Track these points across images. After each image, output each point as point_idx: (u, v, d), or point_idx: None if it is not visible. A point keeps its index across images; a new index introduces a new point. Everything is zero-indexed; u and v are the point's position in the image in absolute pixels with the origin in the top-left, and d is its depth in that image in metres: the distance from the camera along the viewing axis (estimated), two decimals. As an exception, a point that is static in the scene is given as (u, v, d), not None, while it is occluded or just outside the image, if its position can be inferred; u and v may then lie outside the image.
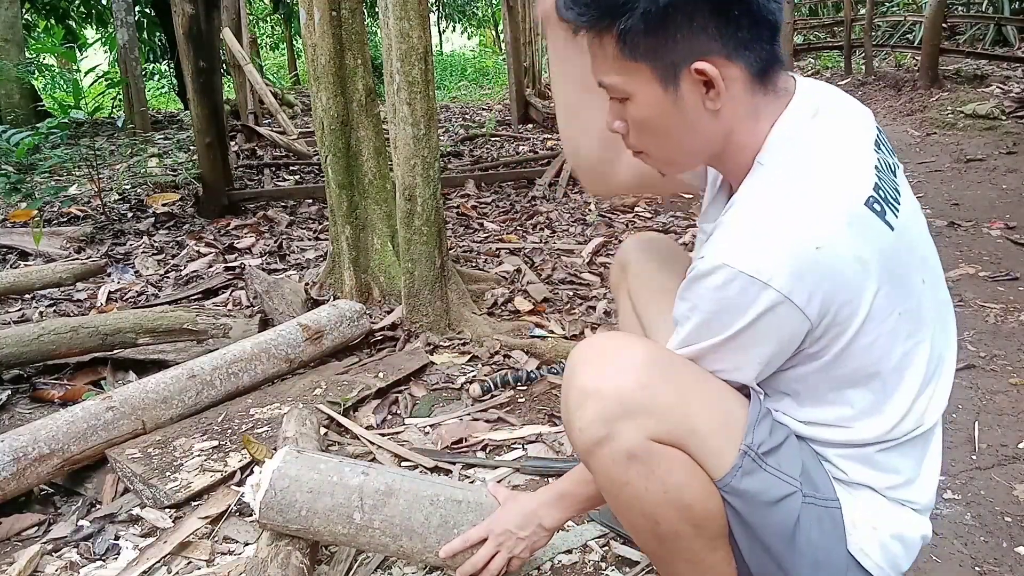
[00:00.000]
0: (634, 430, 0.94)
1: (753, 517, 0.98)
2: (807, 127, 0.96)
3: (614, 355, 0.99)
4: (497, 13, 16.96)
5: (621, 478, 0.98)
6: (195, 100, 4.26)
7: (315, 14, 2.67)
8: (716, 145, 0.99)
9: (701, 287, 0.92)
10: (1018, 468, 1.74)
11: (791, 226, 0.88)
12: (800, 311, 0.88)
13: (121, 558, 1.54)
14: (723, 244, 0.91)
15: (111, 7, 8.06)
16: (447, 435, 1.96)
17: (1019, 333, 2.46)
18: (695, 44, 0.90)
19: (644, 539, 1.06)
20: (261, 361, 2.17)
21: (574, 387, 0.99)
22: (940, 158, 5.20)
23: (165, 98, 12.72)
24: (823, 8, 12.29)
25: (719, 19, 0.89)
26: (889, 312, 0.93)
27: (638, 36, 0.90)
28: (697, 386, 0.99)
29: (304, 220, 4.42)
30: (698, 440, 0.96)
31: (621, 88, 0.96)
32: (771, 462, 0.97)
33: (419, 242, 2.51)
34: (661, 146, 1.01)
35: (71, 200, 4.65)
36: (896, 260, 0.93)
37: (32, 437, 1.70)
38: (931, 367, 1.01)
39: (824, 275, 0.88)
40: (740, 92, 0.94)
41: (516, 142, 7.03)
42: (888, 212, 0.93)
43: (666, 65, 0.92)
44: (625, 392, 0.95)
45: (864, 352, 0.94)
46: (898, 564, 1.05)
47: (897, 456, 1.02)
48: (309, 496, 1.27)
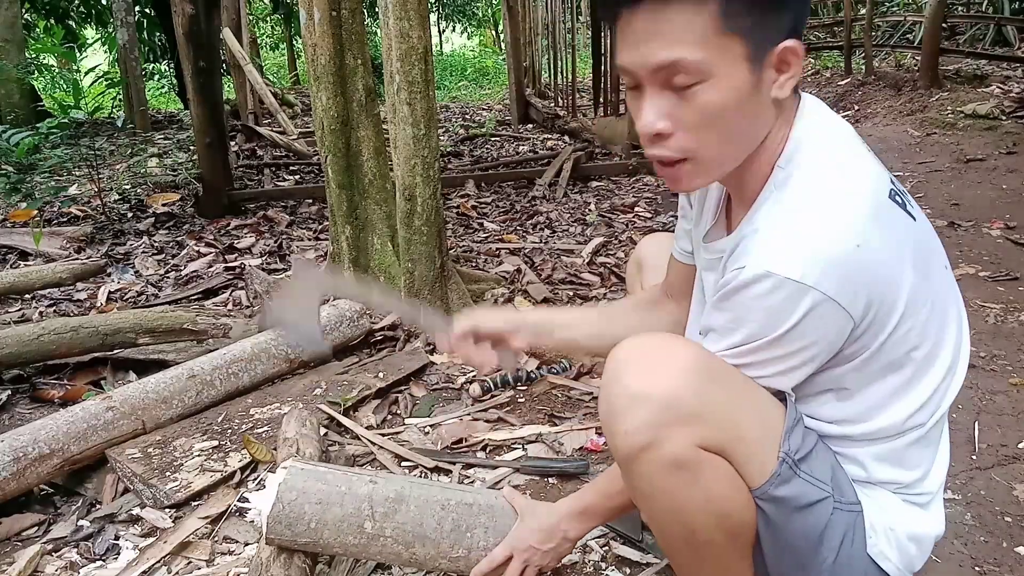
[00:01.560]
0: (684, 437, 0.91)
1: (783, 522, 0.97)
2: (821, 130, 0.96)
3: (663, 357, 0.95)
4: (497, 13, 16.96)
5: (664, 485, 0.94)
6: (195, 100, 4.26)
7: (315, 14, 2.67)
8: (752, 147, 0.95)
9: (745, 297, 0.90)
10: (1018, 468, 1.74)
11: (829, 227, 0.87)
12: (845, 311, 0.88)
13: (121, 558, 1.54)
14: (763, 251, 0.89)
15: (111, 7, 8.06)
16: (447, 435, 1.96)
17: (1019, 333, 2.46)
18: (786, 21, 0.87)
19: (674, 545, 1.04)
20: (261, 361, 2.17)
21: (620, 389, 0.95)
22: (940, 158, 5.20)
23: (165, 98, 12.72)
24: (823, 8, 12.28)
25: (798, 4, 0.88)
26: (923, 303, 0.93)
27: (746, 4, 0.84)
28: (742, 391, 0.97)
29: (304, 220, 4.42)
30: (743, 447, 0.94)
31: (705, 67, 0.85)
32: (805, 468, 0.96)
33: (419, 242, 2.51)
34: (716, 140, 0.91)
35: (71, 200, 4.65)
36: (922, 249, 0.95)
37: (32, 437, 1.70)
38: (954, 355, 1.01)
39: (866, 272, 0.87)
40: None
41: (516, 142, 7.03)
42: (907, 203, 0.94)
43: (760, 42, 0.86)
44: (677, 397, 0.91)
45: (899, 344, 0.94)
46: (913, 564, 1.05)
47: (919, 449, 1.02)
48: (318, 507, 1.25)
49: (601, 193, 4.87)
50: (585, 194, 4.83)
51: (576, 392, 2.17)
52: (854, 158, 0.95)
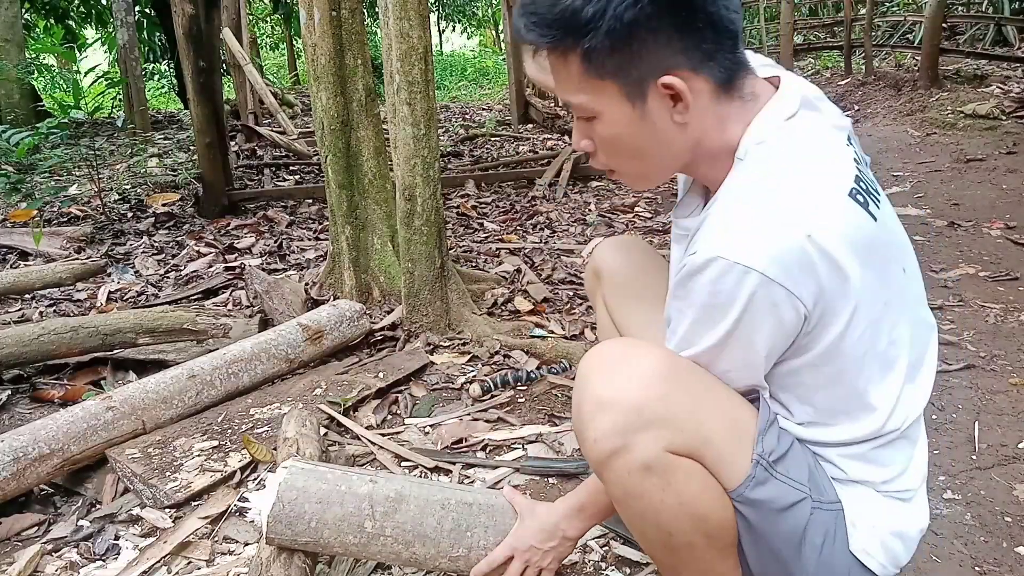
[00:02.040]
0: (651, 441, 0.92)
1: (763, 525, 0.98)
2: (785, 126, 0.96)
3: (628, 363, 0.96)
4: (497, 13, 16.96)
5: (636, 490, 0.96)
6: (195, 100, 4.26)
7: (315, 14, 2.67)
8: (685, 156, 1.00)
9: (695, 283, 0.91)
10: (1018, 468, 1.74)
11: (781, 215, 0.89)
12: (796, 298, 0.88)
13: (121, 558, 1.54)
14: (714, 238, 0.90)
15: (111, 7, 8.06)
16: (447, 435, 1.96)
17: (1019, 333, 2.46)
18: (660, 59, 0.91)
19: (655, 549, 1.05)
20: (261, 361, 2.17)
21: (588, 396, 0.97)
22: (940, 158, 5.20)
23: (165, 98, 12.72)
24: (823, 8, 12.28)
25: (683, 32, 0.90)
26: (875, 301, 0.94)
27: (603, 54, 0.90)
28: (710, 394, 0.97)
29: (304, 220, 4.42)
30: (713, 450, 0.95)
31: (588, 107, 0.96)
32: (781, 469, 0.97)
33: (419, 242, 2.51)
34: (630, 162, 1.02)
35: (71, 200, 4.65)
36: (880, 249, 0.95)
37: (32, 437, 1.70)
38: (915, 356, 1.02)
39: (816, 262, 0.88)
40: (707, 103, 0.95)
41: (516, 142, 7.03)
42: (871, 203, 0.94)
43: (633, 81, 0.92)
44: (642, 402, 0.93)
45: (854, 343, 0.94)
46: (898, 560, 1.05)
47: (892, 450, 1.02)
48: (318, 507, 1.25)
49: (601, 193, 4.87)
50: (585, 194, 4.83)
51: (576, 392, 2.17)
52: (813, 154, 0.95)
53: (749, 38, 12.60)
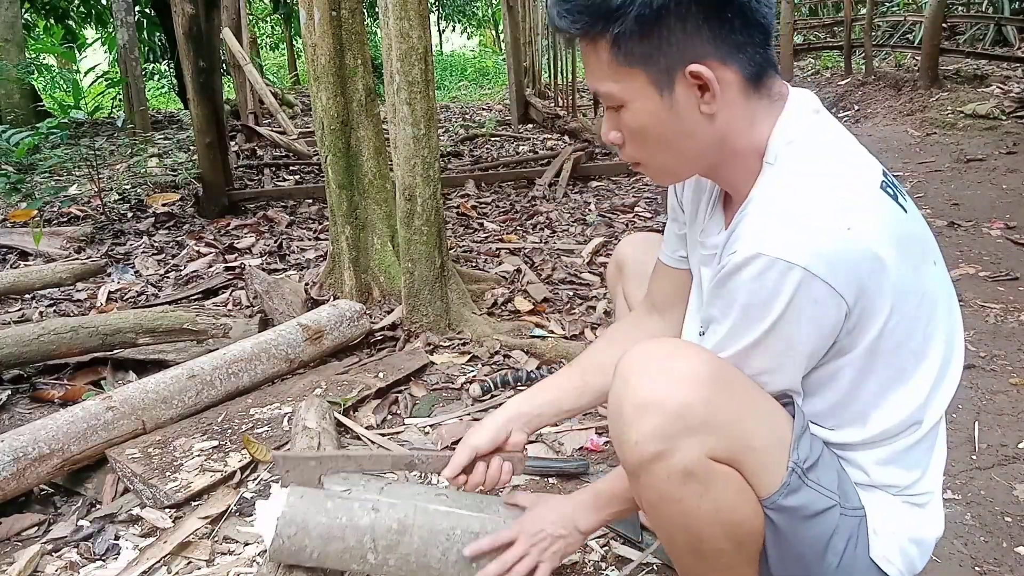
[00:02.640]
0: (694, 447, 0.91)
1: (790, 531, 0.97)
2: (811, 124, 0.97)
3: (672, 364, 0.94)
4: (497, 13, 16.96)
5: (673, 495, 0.94)
6: (195, 100, 4.26)
7: (315, 14, 2.67)
8: (712, 152, 0.99)
9: (737, 281, 0.90)
10: (1018, 468, 1.74)
11: (820, 210, 0.88)
12: (837, 293, 0.87)
13: (121, 558, 1.54)
14: (754, 235, 0.89)
15: (111, 7, 8.06)
16: (447, 435, 1.96)
17: (1019, 333, 2.46)
18: (689, 47, 0.90)
19: (681, 554, 1.03)
20: (261, 361, 2.17)
21: (630, 397, 0.94)
22: (940, 158, 5.20)
23: (165, 98, 12.72)
24: (823, 8, 12.28)
25: (712, 21, 0.90)
26: (912, 294, 0.93)
27: (632, 41, 0.91)
28: (752, 400, 0.96)
29: (304, 220, 4.42)
30: (753, 457, 0.94)
31: (617, 95, 0.96)
32: (812, 477, 0.96)
33: (419, 242, 2.51)
34: (658, 154, 1.01)
35: (71, 200, 4.65)
36: (913, 241, 0.94)
37: (32, 437, 1.70)
38: (947, 352, 1.01)
39: (857, 256, 0.87)
40: (735, 96, 0.94)
41: (516, 142, 7.03)
42: (899, 196, 0.95)
43: (661, 70, 0.92)
44: (688, 407, 0.90)
45: (890, 335, 0.93)
46: (915, 566, 1.05)
47: (917, 452, 1.02)
48: (319, 541, 1.22)
49: (601, 193, 4.87)
50: (585, 194, 4.83)
51: (576, 392, 2.17)
52: (843, 149, 0.96)
53: (749, 38, 12.58)
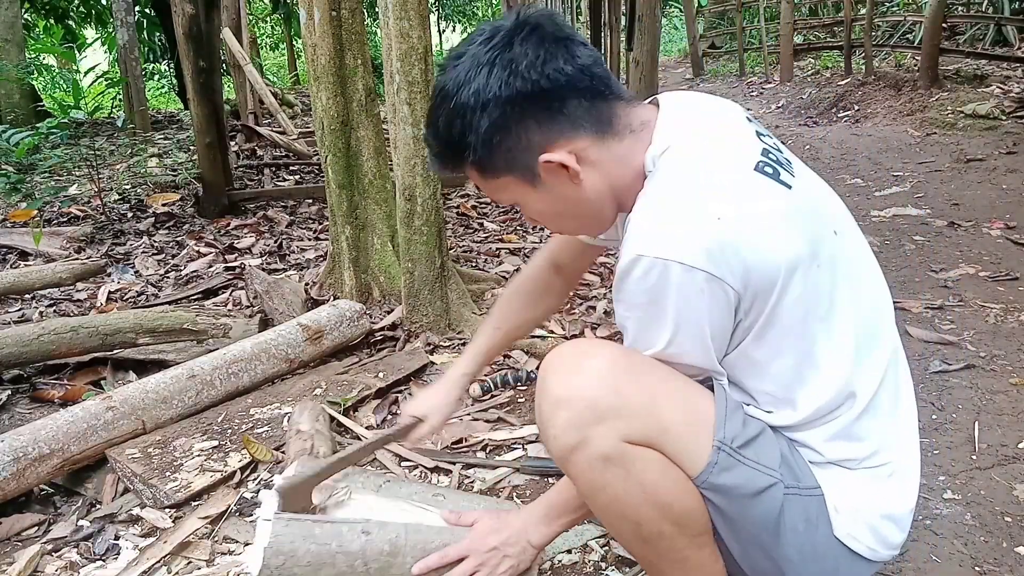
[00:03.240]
0: (607, 433, 0.96)
1: (734, 511, 0.99)
2: (677, 131, 1.01)
3: (581, 361, 1.00)
4: (497, 13, 16.95)
5: (599, 481, 0.99)
6: (195, 100, 4.26)
7: (315, 14, 2.67)
8: (609, 201, 1.06)
9: (627, 284, 0.95)
10: (1018, 468, 1.74)
11: (689, 205, 0.93)
12: (719, 279, 0.91)
13: (121, 558, 1.54)
14: (633, 239, 0.94)
15: (111, 7, 8.06)
16: (447, 435, 1.96)
17: (1019, 333, 2.46)
18: (533, 143, 0.99)
19: (629, 542, 1.07)
20: (261, 361, 2.17)
21: (546, 396, 1.01)
22: (940, 158, 5.20)
23: (165, 98, 12.72)
24: (823, 8, 12.28)
25: (536, 116, 0.98)
26: (806, 265, 0.95)
27: (487, 160, 1.01)
28: (665, 385, 1.00)
29: (304, 220, 4.42)
30: (671, 438, 0.97)
31: (506, 199, 1.08)
32: (748, 455, 0.98)
33: (419, 242, 2.51)
34: (569, 224, 1.13)
35: (71, 200, 4.65)
36: (801, 215, 0.97)
37: (32, 437, 1.70)
38: (862, 320, 1.02)
39: (731, 241, 0.91)
40: (596, 155, 1.02)
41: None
42: (781, 173, 0.98)
43: (523, 170, 1.01)
44: (595, 397, 0.96)
45: (792, 307, 0.95)
46: (891, 541, 1.05)
47: (866, 423, 1.02)
48: (309, 569, 1.19)
49: (601, 193, 4.86)
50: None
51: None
52: (714, 139, 1.01)
53: (749, 38, 12.62)
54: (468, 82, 0.97)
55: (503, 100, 0.96)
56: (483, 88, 0.97)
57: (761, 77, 10.91)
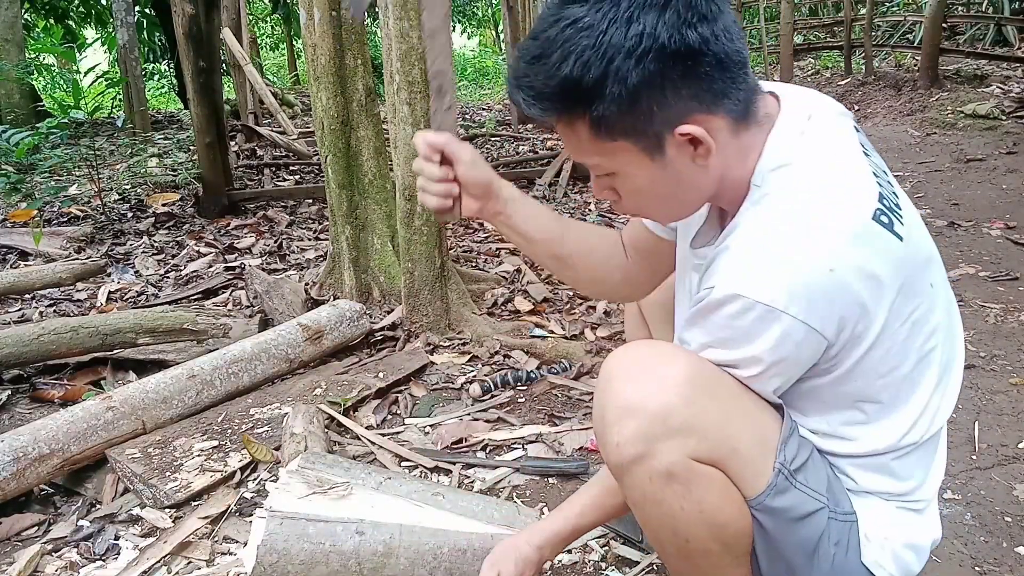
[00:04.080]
0: (676, 449, 0.90)
1: (779, 533, 0.97)
2: (798, 147, 0.93)
3: (656, 367, 0.93)
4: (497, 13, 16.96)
5: (656, 496, 0.94)
6: (195, 100, 4.26)
7: (315, 14, 2.67)
8: (710, 191, 0.98)
9: (716, 316, 0.90)
10: (1018, 468, 1.74)
11: (802, 251, 0.86)
12: (818, 333, 0.87)
13: (121, 558, 1.54)
14: (734, 273, 0.89)
15: (111, 7, 8.06)
16: (447, 435, 1.96)
17: (1019, 333, 2.46)
18: (673, 109, 0.88)
19: (669, 555, 1.03)
20: (261, 361, 2.17)
21: (612, 400, 0.93)
22: (940, 158, 5.20)
23: (165, 98, 12.72)
24: (823, 8, 12.28)
25: (691, 80, 0.86)
26: (902, 321, 0.92)
27: (612, 119, 0.87)
28: (737, 402, 0.95)
29: (304, 220, 4.42)
30: (737, 458, 0.93)
31: (605, 167, 0.95)
32: (800, 479, 0.96)
33: (419, 242, 2.51)
34: (656, 206, 1.01)
35: (71, 200, 4.65)
36: (907, 269, 0.92)
37: (32, 437, 1.70)
38: (942, 370, 1.00)
39: (839, 296, 0.86)
40: (727, 139, 0.92)
41: (516, 142, 7.03)
42: (895, 222, 0.90)
43: (648, 137, 0.90)
44: (668, 409, 0.90)
45: (878, 363, 0.93)
46: (910, 570, 1.05)
47: (912, 461, 1.01)
48: (302, 568, 1.19)
49: (601, 193, 4.86)
50: (585, 194, 4.83)
51: (576, 392, 2.17)
52: (836, 175, 0.92)
53: (749, 38, 12.61)
54: (628, 20, 0.82)
55: (669, 53, 0.83)
56: (648, 32, 0.82)
57: (761, 77, 10.92)
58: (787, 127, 0.94)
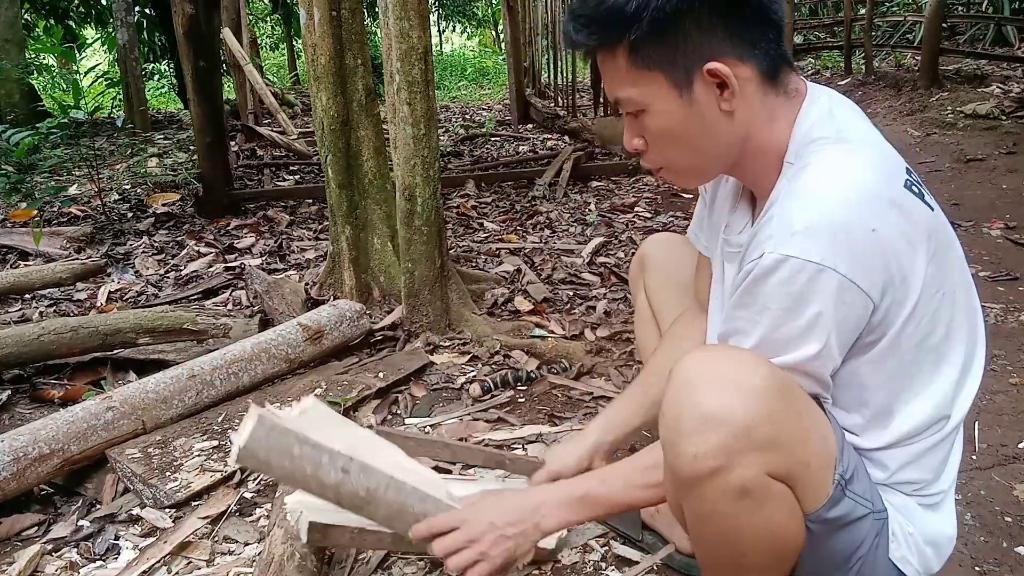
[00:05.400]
0: (753, 464, 0.87)
1: (825, 538, 0.96)
2: (829, 124, 0.96)
3: (739, 377, 0.89)
4: (497, 13, 16.95)
5: (725, 511, 0.91)
6: (195, 100, 4.26)
7: (315, 14, 2.67)
8: (734, 150, 1.00)
9: (766, 285, 0.90)
10: (1018, 468, 1.74)
11: (846, 211, 0.88)
12: (865, 293, 0.88)
13: (121, 558, 1.54)
14: (781, 237, 0.89)
15: (111, 7, 8.06)
16: (447, 435, 1.96)
17: (1019, 333, 2.46)
18: (705, 47, 0.93)
19: (719, 564, 1.01)
20: (261, 361, 2.17)
21: (690, 408, 0.89)
22: (940, 158, 5.20)
23: (165, 98, 12.71)
24: (823, 8, 12.28)
25: (726, 20, 0.92)
26: (936, 291, 0.93)
27: (648, 45, 0.93)
28: (810, 416, 0.94)
29: (304, 220, 4.42)
30: (808, 473, 0.92)
31: (637, 100, 0.98)
32: (851, 488, 0.96)
33: (419, 242, 2.51)
34: (681, 155, 1.02)
35: (71, 200, 4.65)
36: (938, 239, 0.94)
37: (32, 437, 1.70)
38: (969, 347, 1.01)
39: (882, 256, 0.88)
40: (753, 92, 0.96)
41: (516, 142, 7.03)
42: (925, 194, 0.95)
43: (678, 70, 0.94)
44: (752, 423, 0.87)
45: (913, 333, 0.94)
46: (931, 567, 1.05)
47: (940, 450, 1.01)
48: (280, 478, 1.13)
49: (601, 193, 4.87)
50: (585, 194, 4.83)
51: (576, 392, 2.17)
52: (867, 146, 0.95)
53: (749, 38, 12.59)
54: None
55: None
56: None
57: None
58: (816, 106, 0.98)
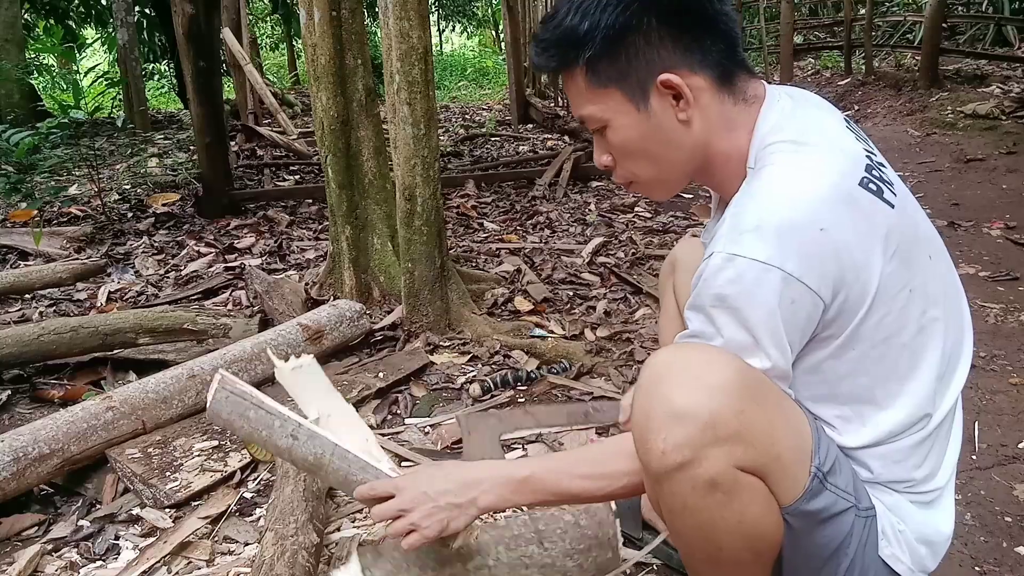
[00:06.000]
0: (721, 457, 0.88)
1: (806, 534, 0.96)
2: (789, 124, 0.98)
3: (704, 371, 0.90)
4: (497, 13, 16.95)
5: (696, 505, 0.92)
6: (195, 100, 4.26)
7: (315, 14, 2.67)
8: (696, 159, 1.03)
9: (714, 284, 0.91)
10: (1018, 468, 1.74)
11: (794, 212, 0.89)
12: (813, 292, 0.89)
13: (121, 558, 1.54)
14: (729, 237, 0.91)
15: (111, 7, 8.07)
16: (447, 435, 1.96)
17: (1019, 333, 2.46)
18: (656, 60, 0.97)
19: (698, 561, 1.02)
20: (261, 361, 2.17)
21: (663, 404, 0.90)
22: (940, 158, 5.20)
23: (165, 98, 12.71)
24: (823, 8, 12.29)
25: (673, 33, 0.96)
26: (899, 288, 0.94)
27: (603, 63, 0.98)
28: (779, 408, 0.94)
29: (304, 220, 4.42)
30: (780, 466, 0.92)
31: (599, 116, 1.02)
32: (831, 480, 0.95)
33: (419, 242, 2.51)
34: (644, 168, 1.06)
35: (71, 200, 4.65)
36: (900, 236, 0.94)
37: (32, 437, 1.70)
38: (948, 345, 1.00)
39: (832, 255, 0.89)
40: (708, 101, 0.99)
41: (516, 142, 7.03)
42: (884, 191, 0.95)
43: (633, 85, 0.98)
44: (719, 417, 0.88)
45: (875, 329, 0.94)
46: (925, 565, 1.05)
47: (926, 448, 1.01)
48: (240, 434, 1.18)
49: (601, 193, 4.87)
50: (585, 194, 4.83)
51: (576, 392, 2.17)
52: (823, 146, 0.96)
53: (749, 38, 12.61)
54: None
55: (647, 3, 0.95)
56: None
57: (761, 77, 10.91)
58: (774, 109, 1.01)
